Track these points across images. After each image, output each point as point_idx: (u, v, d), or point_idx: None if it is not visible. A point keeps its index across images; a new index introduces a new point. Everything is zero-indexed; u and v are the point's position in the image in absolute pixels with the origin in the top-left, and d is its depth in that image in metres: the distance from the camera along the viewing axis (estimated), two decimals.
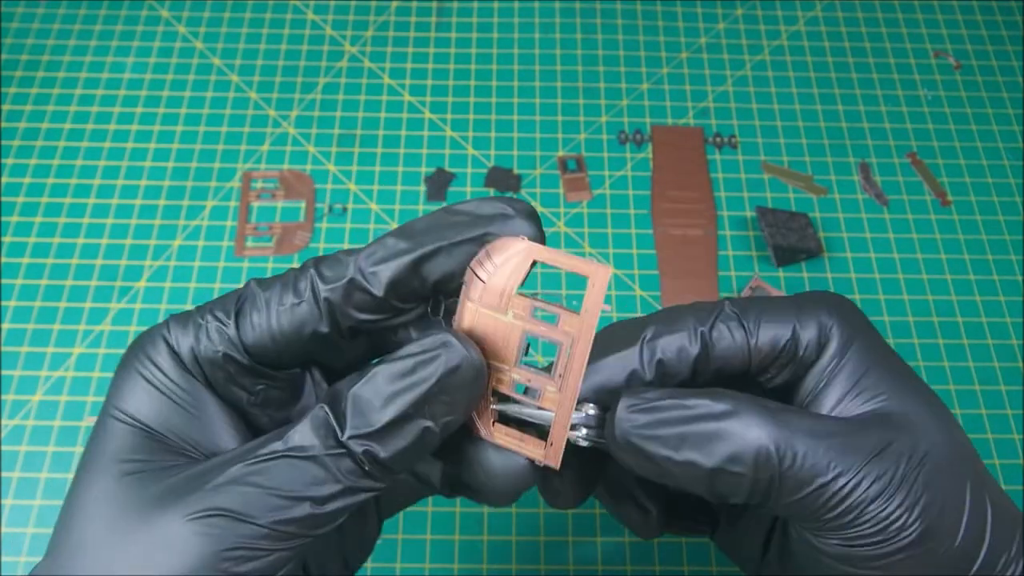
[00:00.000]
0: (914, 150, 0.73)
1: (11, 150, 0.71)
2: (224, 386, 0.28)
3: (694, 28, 0.79)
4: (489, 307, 0.26)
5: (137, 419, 0.27)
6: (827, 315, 0.29)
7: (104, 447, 0.26)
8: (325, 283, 0.26)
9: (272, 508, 0.23)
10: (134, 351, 0.28)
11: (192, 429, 0.27)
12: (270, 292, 0.27)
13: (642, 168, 0.71)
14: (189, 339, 0.27)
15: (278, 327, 0.27)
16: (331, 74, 0.76)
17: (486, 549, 0.56)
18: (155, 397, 0.27)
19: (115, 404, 0.27)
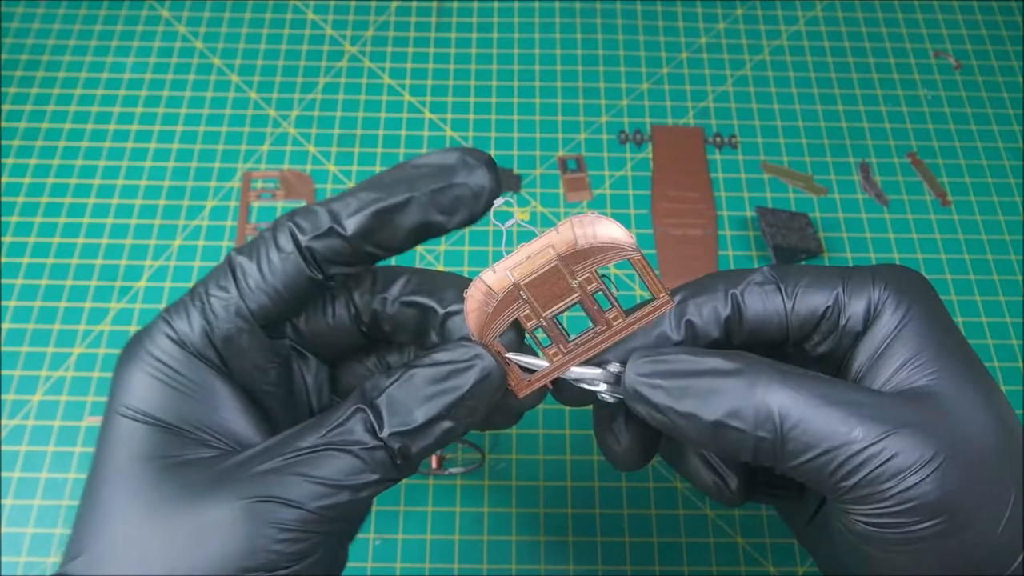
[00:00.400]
0: (914, 150, 0.73)
1: (11, 150, 0.71)
2: (241, 363, 0.28)
3: (694, 28, 0.79)
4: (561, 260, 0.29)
5: (149, 414, 0.27)
6: (881, 286, 0.29)
7: (119, 446, 0.27)
8: (304, 234, 0.27)
9: (318, 496, 0.25)
10: (133, 349, 0.28)
11: (205, 416, 0.27)
12: (255, 254, 0.28)
13: (642, 168, 0.71)
14: (197, 323, 0.27)
15: (275, 283, 0.27)
16: (331, 74, 0.76)
17: (486, 549, 0.56)
18: (163, 390, 0.27)
19: (123, 403, 0.27)
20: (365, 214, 0.27)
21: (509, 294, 0.27)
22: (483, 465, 0.59)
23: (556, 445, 0.60)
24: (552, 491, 0.58)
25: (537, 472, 0.59)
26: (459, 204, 0.28)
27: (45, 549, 0.56)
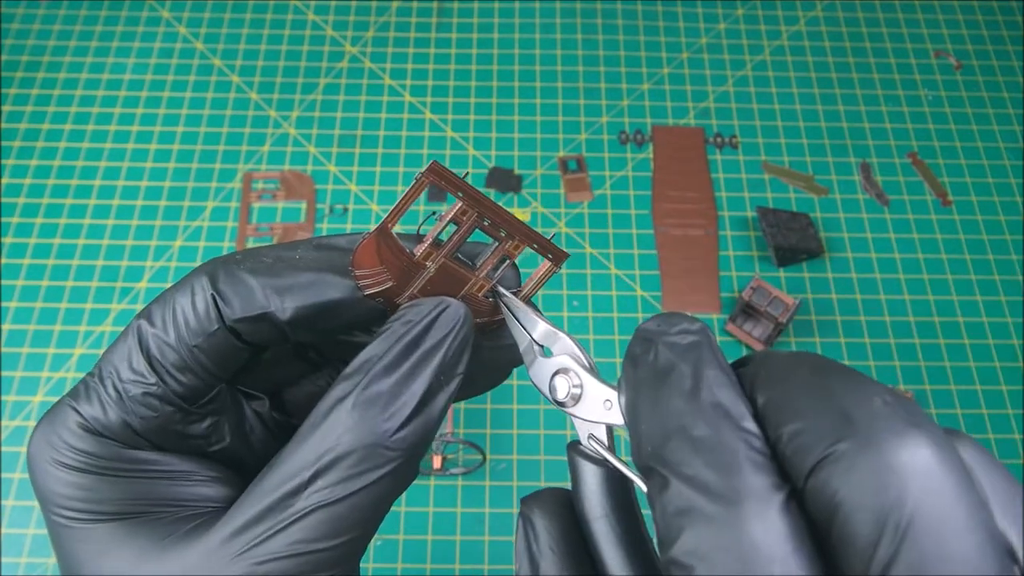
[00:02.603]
0: (915, 150, 0.73)
1: (12, 151, 0.71)
2: (178, 441, 0.25)
3: (695, 28, 0.79)
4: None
5: (100, 512, 0.23)
6: None
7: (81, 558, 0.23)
8: (231, 310, 0.24)
9: (343, 531, 0.23)
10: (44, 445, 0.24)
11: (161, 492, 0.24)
12: (172, 326, 0.24)
13: (643, 168, 0.71)
14: (113, 413, 0.24)
15: (202, 361, 0.24)
16: (332, 75, 0.76)
17: (487, 549, 0.56)
18: (100, 481, 0.24)
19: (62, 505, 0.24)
20: (307, 306, 0.24)
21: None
22: (484, 466, 0.59)
23: (556, 445, 0.60)
24: None
25: (538, 472, 0.59)
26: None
27: (45, 550, 0.56)
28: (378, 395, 0.22)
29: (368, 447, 0.22)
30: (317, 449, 0.22)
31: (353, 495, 0.22)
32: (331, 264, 0.25)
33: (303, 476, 0.22)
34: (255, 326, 0.23)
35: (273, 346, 0.25)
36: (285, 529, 0.22)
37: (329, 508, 0.22)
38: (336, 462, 0.22)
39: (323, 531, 0.22)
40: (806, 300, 0.65)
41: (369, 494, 0.22)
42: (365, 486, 0.22)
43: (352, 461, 0.22)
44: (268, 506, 0.22)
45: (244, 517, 0.22)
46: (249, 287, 0.23)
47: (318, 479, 0.22)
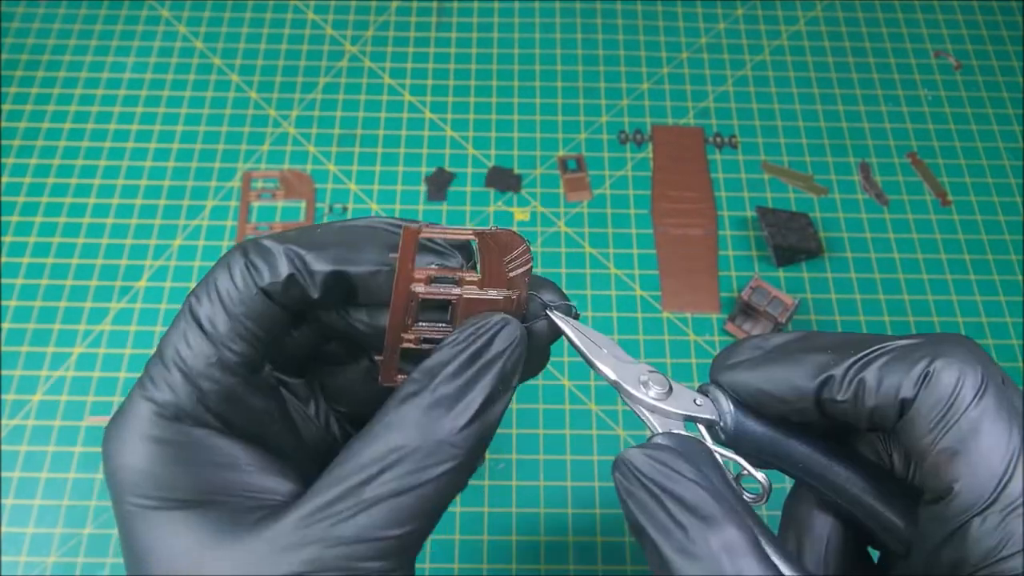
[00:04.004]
0: (914, 150, 0.73)
1: (11, 150, 0.71)
2: (243, 416, 0.26)
3: (694, 28, 0.79)
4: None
5: (174, 498, 0.25)
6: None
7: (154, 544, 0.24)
8: (261, 277, 0.26)
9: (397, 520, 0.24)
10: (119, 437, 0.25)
11: (233, 480, 0.25)
12: (216, 300, 0.26)
13: (642, 168, 0.71)
14: (183, 390, 0.25)
15: (250, 327, 0.26)
16: (331, 74, 0.76)
17: (486, 549, 0.56)
18: (177, 469, 0.25)
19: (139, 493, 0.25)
20: (335, 269, 0.26)
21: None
22: (483, 465, 0.59)
23: (556, 445, 0.60)
24: (552, 491, 0.58)
25: (537, 472, 0.59)
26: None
27: (45, 549, 0.56)
28: (444, 397, 0.24)
29: (434, 444, 0.24)
30: (387, 444, 0.24)
31: (419, 487, 0.24)
32: (352, 239, 0.27)
33: (373, 468, 0.24)
34: (285, 288, 0.26)
35: (303, 309, 0.27)
36: (354, 516, 0.23)
37: (396, 498, 0.24)
38: (405, 457, 0.24)
39: (389, 519, 0.24)
40: (805, 300, 0.65)
41: (433, 487, 0.24)
42: (430, 479, 0.24)
43: (419, 456, 0.24)
44: (339, 495, 0.24)
45: (314, 504, 0.24)
46: (275, 255, 0.26)
47: (387, 471, 0.24)
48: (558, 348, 0.66)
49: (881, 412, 0.26)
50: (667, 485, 0.24)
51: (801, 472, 0.29)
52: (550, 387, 0.62)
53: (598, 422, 0.61)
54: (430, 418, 0.24)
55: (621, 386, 0.28)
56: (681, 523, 0.23)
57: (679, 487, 0.24)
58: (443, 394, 0.25)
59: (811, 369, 0.27)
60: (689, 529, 0.23)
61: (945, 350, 0.25)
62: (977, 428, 0.24)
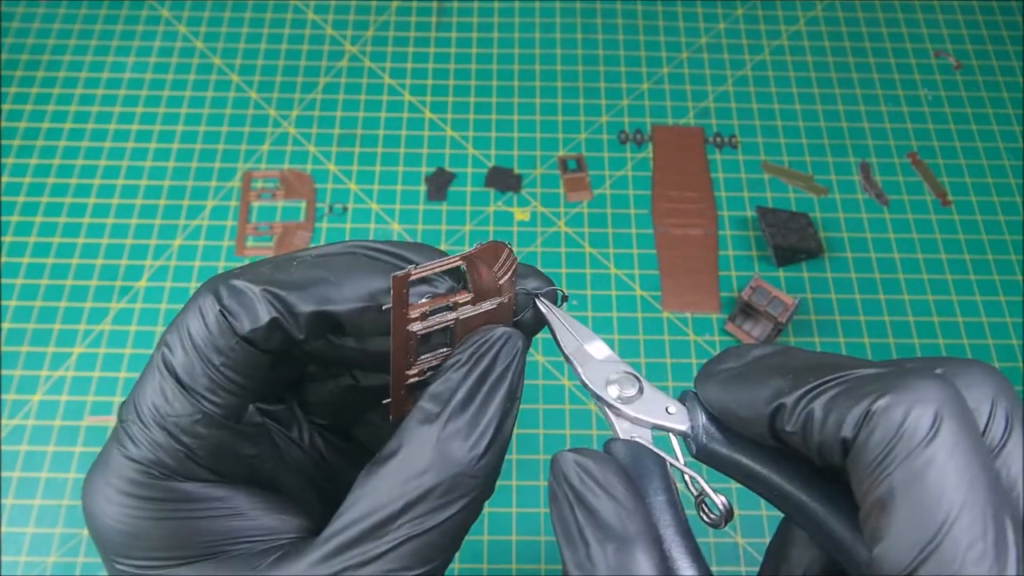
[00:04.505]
0: (914, 150, 0.73)
1: (11, 150, 0.71)
2: (233, 463, 0.25)
3: (694, 28, 0.79)
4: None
5: (174, 556, 0.24)
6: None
7: None
8: (239, 324, 0.24)
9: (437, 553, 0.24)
10: (99, 494, 0.24)
11: (231, 528, 0.25)
12: (194, 352, 0.24)
13: (642, 168, 0.71)
14: (168, 446, 0.24)
15: (234, 378, 0.24)
16: (331, 74, 0.76)
17: (486, 549, 0.56)
18: (170, 527, 0.24)
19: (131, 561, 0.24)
20: (319, 310, 0.24)
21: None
22: None
23: (556, 445, 0.60)
24: None
25: (537, 472, 0.59)
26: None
27: (45, 549, 0.56)
28: (459, 427, 0.23)
29: (454, 477, 0.23)
30: (405, 481, 0.23)
31: (443, 523, 0.23)
32: (332, 272, 0.25)
33: (393, 507, 0.23)
34: (268, 333, 0.24)
35: (287, 349, 0.25)
36: (378, 559, 0.22)
37: (421, 538, 0.23)
38: (426, 494, 0.23)
39: (414, 559, 0.23)
40: (805, 300, 0.65)
41: (456, 521, 0.23)
42: (451, 515, 0.23)
43: (440, 492, 0.23)
44: (359, 535, 0.23)
45: (334, 545, 0.23)
46: (251, 299, 0.24)
47: (407, 512, 0.23)
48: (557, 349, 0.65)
49: (827, 449, 0.22)
50: (585, 496, 0.23)
51: (776, 499, 0.26)
52: (550, 387, 0.62)
53: (598, 422, 0.61)
54: (447, 450, 0.23)
55: (587, 385, 0.27)
56: (586, 538, 0.22)
57: (595, 501, 0.23)
58: (456, 422, 0.24)
59: (769, 393, 0.24)
60: (591, 545, 0.22)
61: (901, 384, 0.21)
62: (913, 479, 0.20)
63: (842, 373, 0.23)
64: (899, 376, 0.22)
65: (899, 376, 0.22)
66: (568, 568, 0.22)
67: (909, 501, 0.20)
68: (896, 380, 0.21)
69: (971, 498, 0.19)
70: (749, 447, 0.26)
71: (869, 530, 0.21)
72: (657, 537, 0.23)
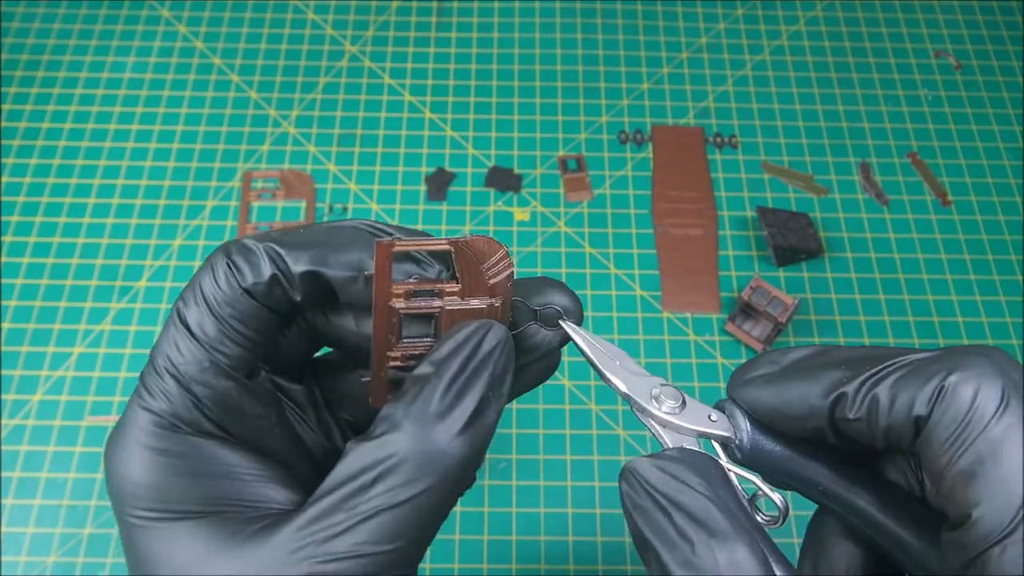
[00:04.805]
0: (914, 150, 0.73)
1: (11, 150, 0.71)
2: (241, 422, 0.26)
3: (694, 28, 0.79)
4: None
5: (177, 510, 0.24)
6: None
7: (156, 557, 0.24)
8: (243, 278, 0.25)
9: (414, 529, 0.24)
10: (120, 446, 0.25)
11: (235, 490, 0.25)
12: (203, 303, 0.25)
13: (642, 168, 0.71)
14: (179, 398, 0.25)
15: (240, 329, 0.25)
16: (331, 74, 0.76)
17: (486, 549, 0.56)
18: (179, 480, 0.25)
19: (139, 506, 0.25)
20: (311, 270, 0.25)
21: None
22: (483, 465, 0.59)
23: (556, 445, 0.60)
24: (552, 491, 0.58)
25: (537, 472, 0.59)
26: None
27: (45, 549, 0.56)
28: (436, 405, 0.24)
29: (428, 454, 0.24)
30: (379, 453, 0.23)
31: (414, 498, 0.23)
32: (334, 240, 0.26)
33: (366, 478, 0.23)
34: (269, 289, 0.25)
35: (290, 311, 0.27)
36: (349, 530, 0.23)
37: (392, 511, 0.23)
38: (397, 466, 0.23)
39: (385, 533, 0.23)
40: (805, 300, 0.65)
41: (428, 498, 0.24)
42: (424, 489, 0.23)
43: (412, 465, 0.23)
44: (332, 505, 0.23)
45: (309, 515, 0.23)
46: (256, 254, 0.25)
47: (379, 482, 0.23)
48: None
49: (896, 431, 0.24)
50: (675, 497, 0.23)
51: (821, 495, 0.27)
52: (550, 387, 0.62)
53: (598, 422, 0.61)
54: (423, 427, 0.24)
55: (633, 399, 0.27)
56: (688, 536, 0.23)
57: (688, 499, 0.23)
58: (435, 402, 0.24)
59: (824, 386, 0.25)
60: (696, 543, 0.22)
61: (963, 362, 0.23)
62: (997, 448, 0.22)
63: (898, 359, 0.25)
64: (960, 356, 0.24)
65: (960, 356, 0.24)
66: (671, 568, 0.23)
67: (996, 468, 0.22)
68: (957, 359, 0.23)
69: None
70: (794, 448, 0.27)
71: (959, 500, 0.23)
72: (751, 532, 0.23)
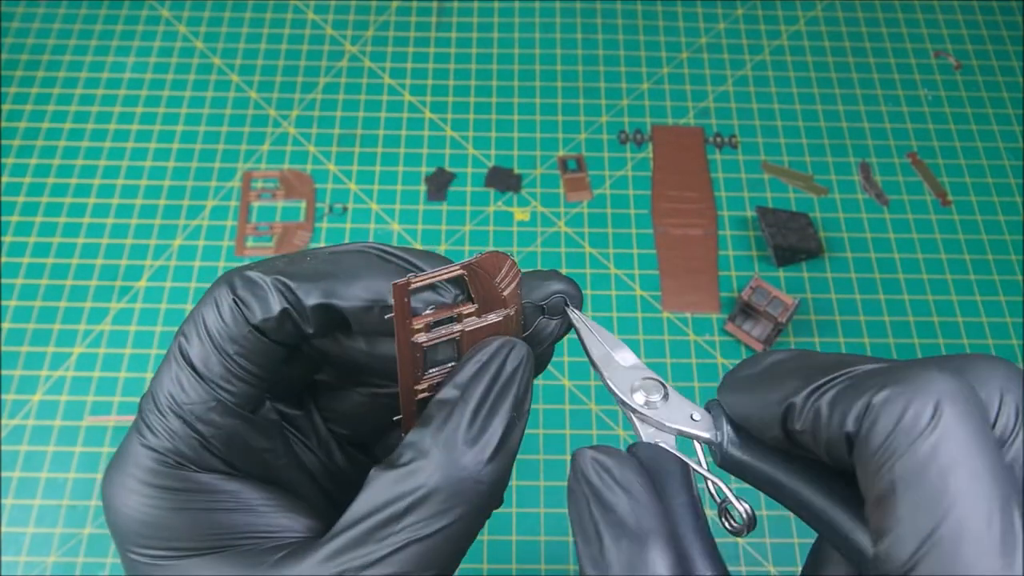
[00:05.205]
0: (914, 150, 0.73)
1: (11, 150, 0.71)
2: (247, 456, 0.26)
3: (694, 28, 0.79)
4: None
5: (187, 548, 0.24)
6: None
7: None
8: (251, 314, 0.25)
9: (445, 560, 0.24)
10: (119, 483, 0.25)
11: (247, 522, 0.25)
12: (208, 340, 0.25)
13: (642, 168, 0.71)
14: (183, 434, 0.24)
15: (246, 367, 0.25)
16: (331, 74, 0.76)
17: (486, 549, 0.56)
18: (184, 516, 0.24)
19: (146, 546, 0.24)
20: (324, 302, 0.24)
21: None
22: None
23: (556, 445, 0.60)
24: (552, 491, 0.58)
25: (537, 472, 0.59)
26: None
27: (45, 549, 0.56)
28: (464, 433, 0.24)
29: (459, 482, 0.23)
30: (409, 484, 0.23)
31: (446, 528, 0.23)
32: (342, 268, 0.25)
33: (397, 507, 0.23)
34: (279, 324, 0.25)
35: (298, 343, 0.26)
36: (380, 561, 0.23)
37: (424, 542, 0.23)
38: (428, 496, 0.23)
39: (416, 564, 0.23)
40: (805, 300, 0.65)
41: (460, 527, 0.23)
42: (456, 520, 0.23)
43: (444, 496, 0.23)
44: (363, 534, 0.23)
45: (338, 544, 0.23)
46: (264, 289, 0.24)
47: (410, 513, 0.23)
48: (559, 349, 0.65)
49: (833, 446, 0.22)
50: (601, 492, 0.23)
51: (799, 509, 0.26)
52: (550, 387, 0.62)
53: (598, 422, 0.61)
54: (452, 455, 0.23)
55: (612, 390, 0.27)
56: (600, 534, 0.23)
57: (612, 497, 0.23)
58: (463, 429, 0.24)
59: (781, 395, 0.23)
60: (605, 541, 0.22)
61: (906, 375, 0.21)
62: (916, 471, 0.19)
63: (848, 369, 0.22)
64: (902, 369, 0.21)
65: (902, 369, 0.21)
66: (583, 565, 0.22)
67: (911, 494, 0.19)
68: (898, 373, 0.21)
69: (975, 489, 0.18)
70: (770, 454, 0.26)
71: (873, 527, 0.20)
72: (673, 536, 0.23)
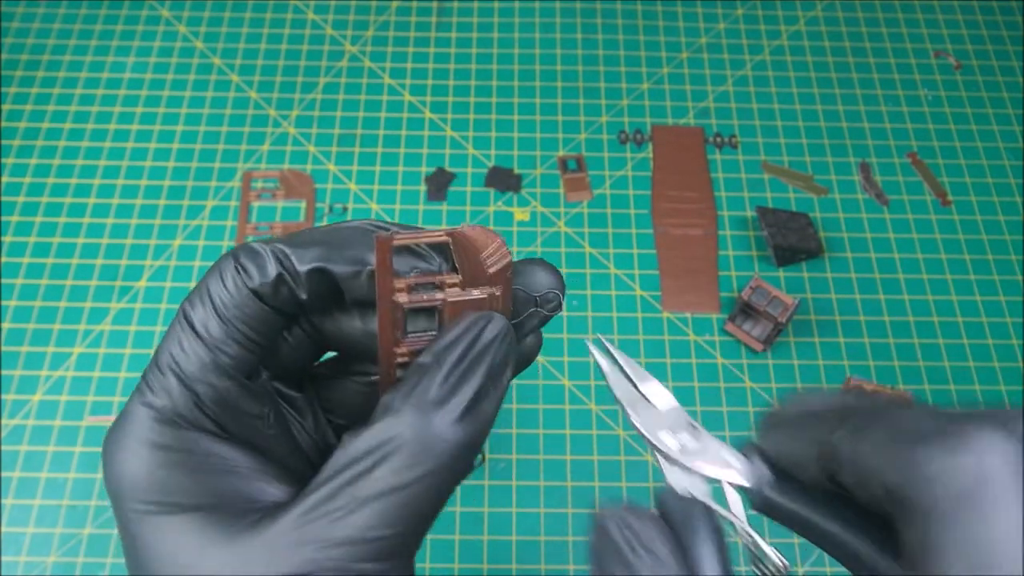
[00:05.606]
0: (914, 150, 0.73)
1: (11, 150, 0.71)
2: (239, 421, 0.27)
3: (694, 28, 0.79)
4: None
5: (175, 503, 0.25)
6: None
7: (156, 549, 0.25)
8: (250, 279, 0.26)
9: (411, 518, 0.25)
10: (118, 442, 0.26)
11: (232, 485, 0.26)
12: (208, 303, 0.26)
13: (642, 168, 0.71)
14: (179, 394, 0.26)
15: (243, 330, 0.26)
16: (331, 74, 0.76)
17: (486, 549, 0.56)
18: (177, 475, 0.25)
19: (139, 499, 0.25)
20: (317, 267, 0.26)
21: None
22: (483, 465, 0.59)
23: (556, 445, 0.60)
24: (552, 491, 0.58)
25: (537, 472, 0.59)
26: None
27: (45, 549, 0.56)
28: (434, 394, 0.25)
29: (426, 437, 0.24)
30: (379, 438, 0.24)
31: (413, 483, 0.24)
32: (337, 238, 0.27)
33: (366, 463, 0.24)
34: (275, 289, 0.26)
35: (295, 312, 0.27)
36: (348, 516, 0.23)
37: (390, 496, 0.24)
38: (397, 450, 0.24)
39: (384, 519, 0.24)
40: (805, 300, 0.65)
41: (427, 483, 0.24)
42: (423, 474, 0.24)
43: (411, 450, 0.24)
44: (332, 492, 0.24)
45: (309, 503, 0.24)
46: (262, 256, 0.26)
47: (379, 467, 0.24)
48: (558, 349, 0.65)
49: (874, 494, 0.22)
50: (624, 552, 0.24)
51: (845, 559, 0.25)
52: (550, 387, 0.62)
53: (598, 422, 0.61)
54: (421, 413, 0.24)
55: (642, 434, 0.27)
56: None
57: (635, 559, 0.24)
58: (433, 390, 0.25)
59: (820, 433, 0.24)
60: None
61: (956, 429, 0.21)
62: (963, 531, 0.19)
63: (893, 413, 0.22)
64: (951, 420, 0.21)
65: (951, 420, 0.21)
66: None
67: (958, 553, 0.19)
68: (948, 425, 0.21)
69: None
70: (807, 497, 0.25)
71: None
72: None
